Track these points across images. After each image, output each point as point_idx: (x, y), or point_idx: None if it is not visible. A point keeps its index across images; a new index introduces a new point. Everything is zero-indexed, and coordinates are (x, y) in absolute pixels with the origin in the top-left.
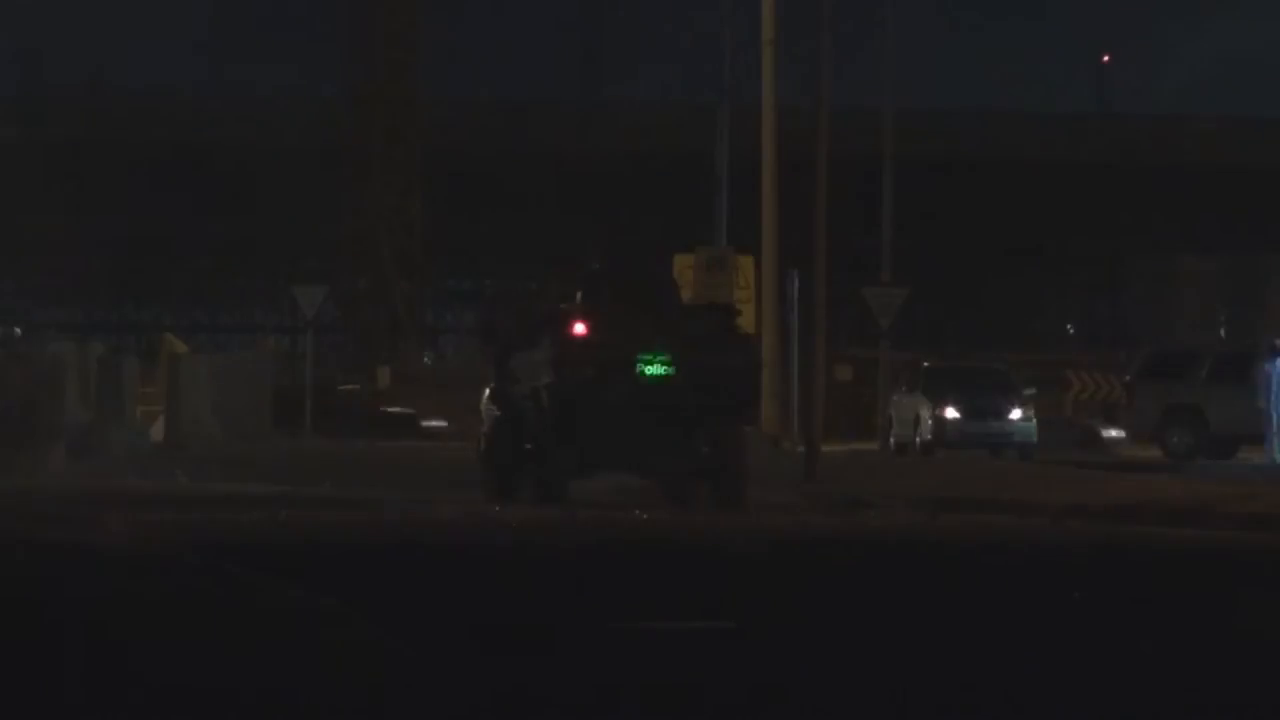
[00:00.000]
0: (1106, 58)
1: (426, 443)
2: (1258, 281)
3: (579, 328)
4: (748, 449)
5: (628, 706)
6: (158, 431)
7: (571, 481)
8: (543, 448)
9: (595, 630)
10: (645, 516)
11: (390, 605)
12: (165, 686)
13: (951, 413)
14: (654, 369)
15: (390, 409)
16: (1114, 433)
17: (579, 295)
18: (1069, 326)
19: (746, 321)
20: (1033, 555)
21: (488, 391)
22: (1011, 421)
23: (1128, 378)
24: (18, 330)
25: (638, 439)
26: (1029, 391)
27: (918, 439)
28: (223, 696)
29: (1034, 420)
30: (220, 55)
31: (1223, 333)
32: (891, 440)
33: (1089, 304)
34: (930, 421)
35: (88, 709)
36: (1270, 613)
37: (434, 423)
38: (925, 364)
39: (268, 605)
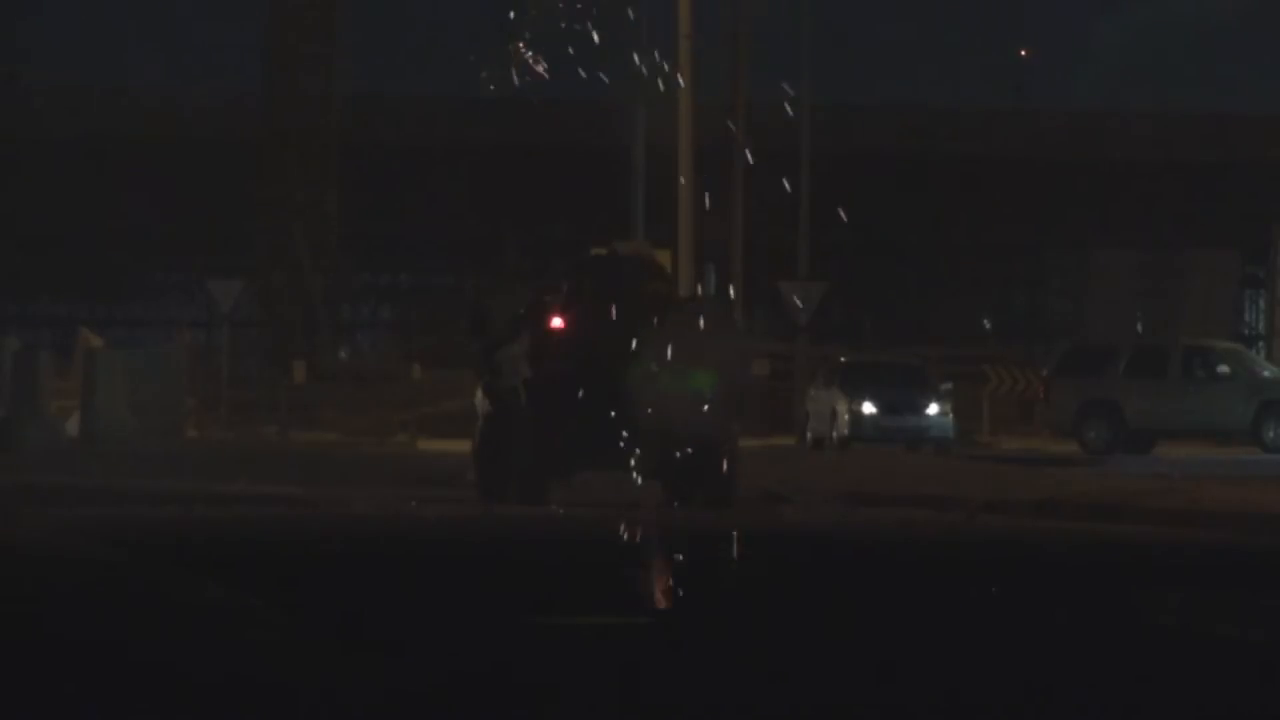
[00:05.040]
0: (1024, 52)
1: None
2: (1174, 276)
3: (556, 321)
4: (737, 446)
5: (538, 701)
6: (73, 427)
7: (552, 480)
8: (520, 446)
9: (507, 626)
10: (561, 513)
11: (303, 603)
12: (74, 683)
13: (868, 408)
14: (637, 364)
15: None
16: None
17: (565, 286)
18: (985, 321)
19: None
20: (949, 549)
21: (480, 386)
22: (928, 416)
23: (1045, 373)
24: None
25: (618, 438)
26: (946, 386)
27: (834, 434)
28: (131, 693)
29: (951, 415)
30: (141, 48)
31: (1139, 328)
32: (808, 435)
33: (1006, 299)
34: (847, 417)
35: None
36: (1181, 608)
37: None
38: (842, 359)
39: (181, 602)
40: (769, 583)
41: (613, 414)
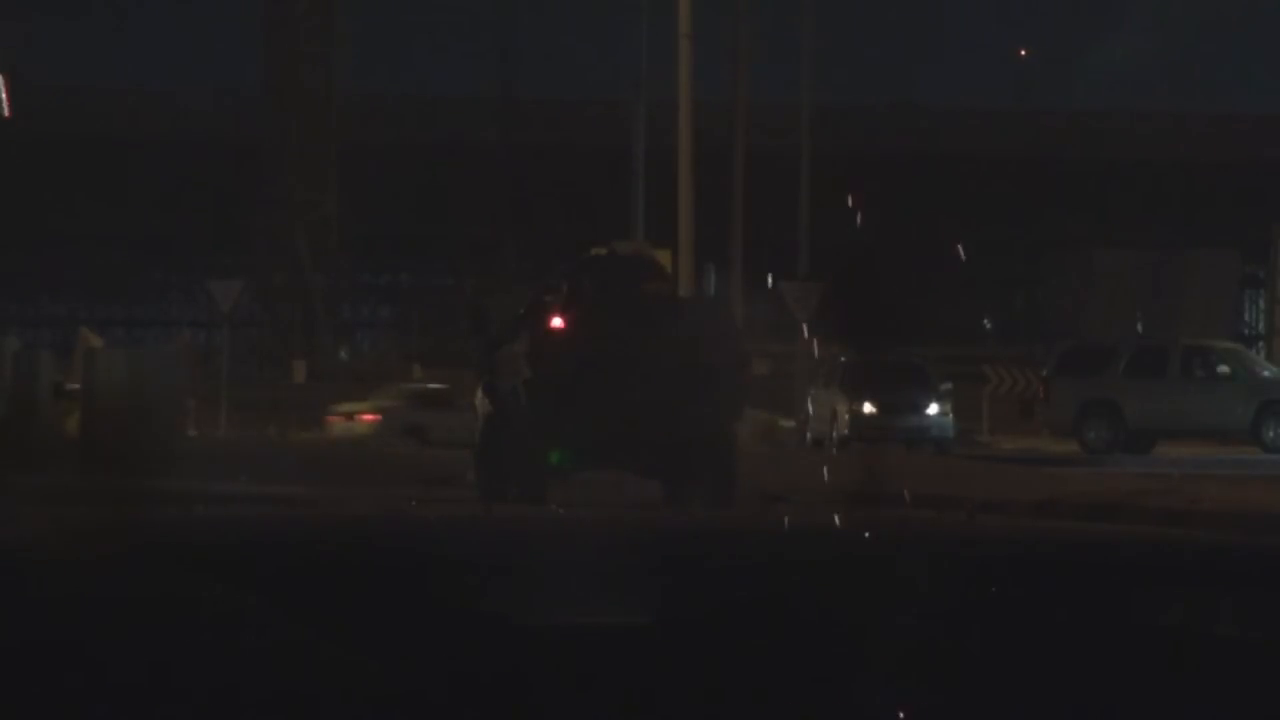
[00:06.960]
0: (1024, 52)
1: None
2: (1174, 276)
3: (557, 321)
4: (737, 447)
5: (538, 703)
6: (73, 427)
7: (552, 480)
8: (522, 445)
9: (507, 627)
10: (561, 512)
11: (302, 603)
12: (74, 684)
13: (868, 407)
14: (636, 364)
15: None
16: None
17: (565, 286)
18: (985, 321)
19: None
20: (950, 549)
21: (481, 386)
22: (928, 416)
23: (1045, 373)
24: None
25: (618, 438)
26: (946, 386)
27: (834, 433)
28: (131, 694)
29: (951, 415)
30: (140, 47)
31: (1139, 328)
32: (808, 435)
33: (1006, 299)
34: (847, 416)
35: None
36: (1180, 608)
37: None
38: (842, 358)
39: (181, 602)
40: (766, 584)
41: (609, 415)
